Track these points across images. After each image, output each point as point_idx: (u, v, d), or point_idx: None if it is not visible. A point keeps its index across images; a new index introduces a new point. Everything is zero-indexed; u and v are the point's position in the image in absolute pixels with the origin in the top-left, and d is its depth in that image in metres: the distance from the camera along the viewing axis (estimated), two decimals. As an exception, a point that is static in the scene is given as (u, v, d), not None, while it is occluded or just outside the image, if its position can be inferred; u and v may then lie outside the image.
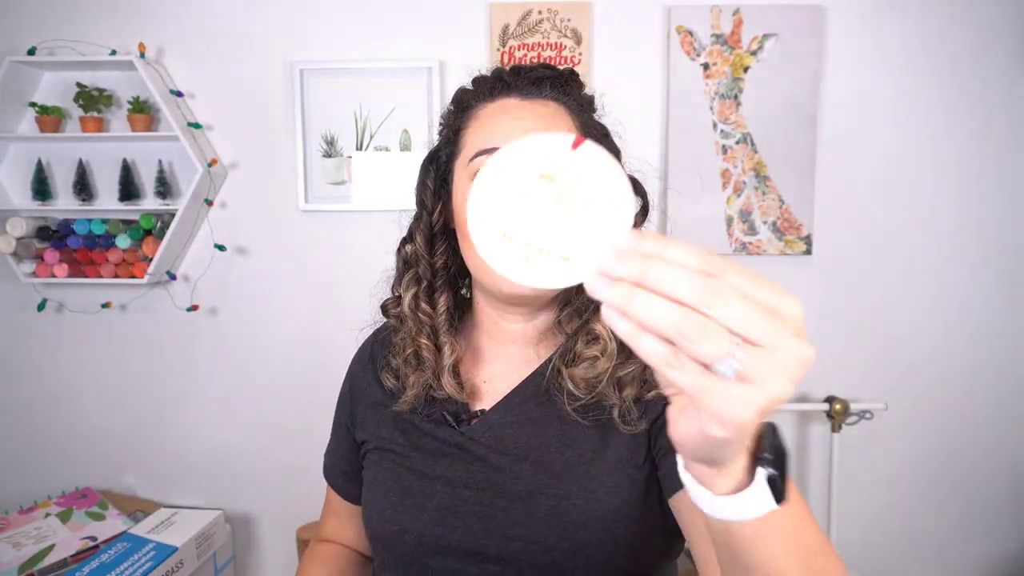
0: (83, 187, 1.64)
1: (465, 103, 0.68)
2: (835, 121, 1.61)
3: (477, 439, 0.64)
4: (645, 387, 0.62)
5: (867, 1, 1.59)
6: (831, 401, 1.62)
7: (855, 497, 1.69)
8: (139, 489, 1.76)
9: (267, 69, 1.63)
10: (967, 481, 1.70)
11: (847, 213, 1.64)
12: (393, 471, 0.67)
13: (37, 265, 1.64)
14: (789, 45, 1.58)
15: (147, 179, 1.67)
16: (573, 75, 0.68)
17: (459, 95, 0.69)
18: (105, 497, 1.66)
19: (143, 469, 1.76)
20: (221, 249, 1.67)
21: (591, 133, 0.66)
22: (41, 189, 1.63)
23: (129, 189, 1.63)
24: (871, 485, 1.70)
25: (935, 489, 1.71)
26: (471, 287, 0.73)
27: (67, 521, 1.52)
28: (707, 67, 1.59)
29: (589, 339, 0.63)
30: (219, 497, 1.75)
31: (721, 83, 1.60)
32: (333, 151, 1.64)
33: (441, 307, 0.69)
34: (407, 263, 0.70)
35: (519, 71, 0.66)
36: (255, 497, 1.76)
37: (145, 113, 1.60)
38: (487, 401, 0.67)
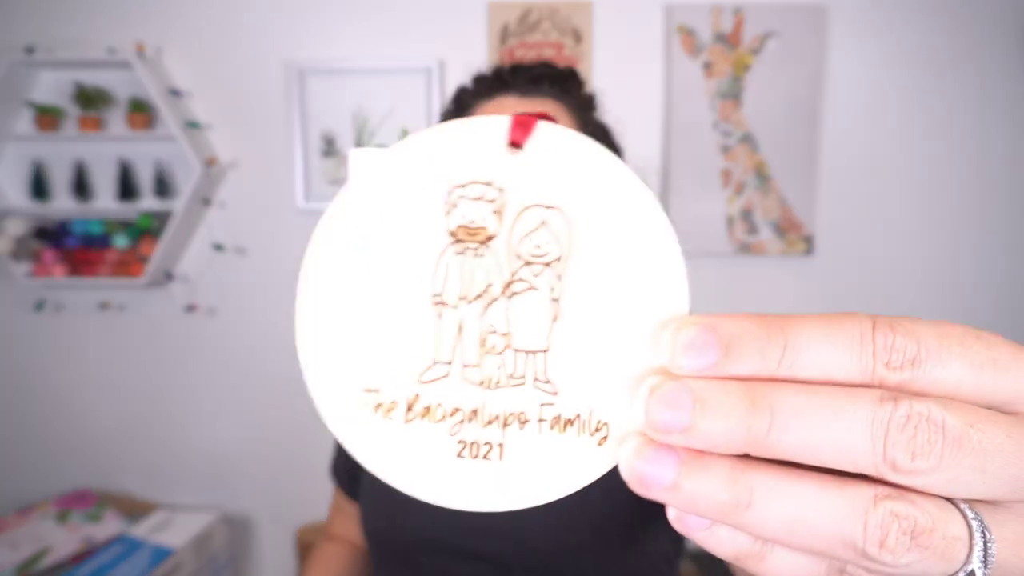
0: (81, 186, 1.63)
1: (464, 101, 0.67)
2: (837, 120, 1.60)
3: None
4: None
5: None
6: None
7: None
8: (137, 490, 1.75)
9: (266, 68, 1.62)
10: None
11: (849, 213, 1.63)
12: None
13: (35, 265, 1.63)
14: (790, 44, 1.57)
15: (145, 178, 1.66)
16: (573, 73, 0.67)
17: (458, 93, 0.69)
18: (103, 498, 1.65)
19: (141, 470, 1.75)
20: (220, 249, 1.66)
21: (592, 132, 0.64)
22: (39, 189, 1.63)
23: (127, 188, 1.62)
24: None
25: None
26: None
27: (64, 522, 1.52)
28: (708, 66, 1.59)
29: None
30: (217, 498, 1.74)
31: (722, 82, 1.59)
32: (332, 150, 1.64)
33: None
34: None
35: (518, 69, 0.65)
36: (254, 498, 1.75)
37: (143, 112, 1.59)
38: None
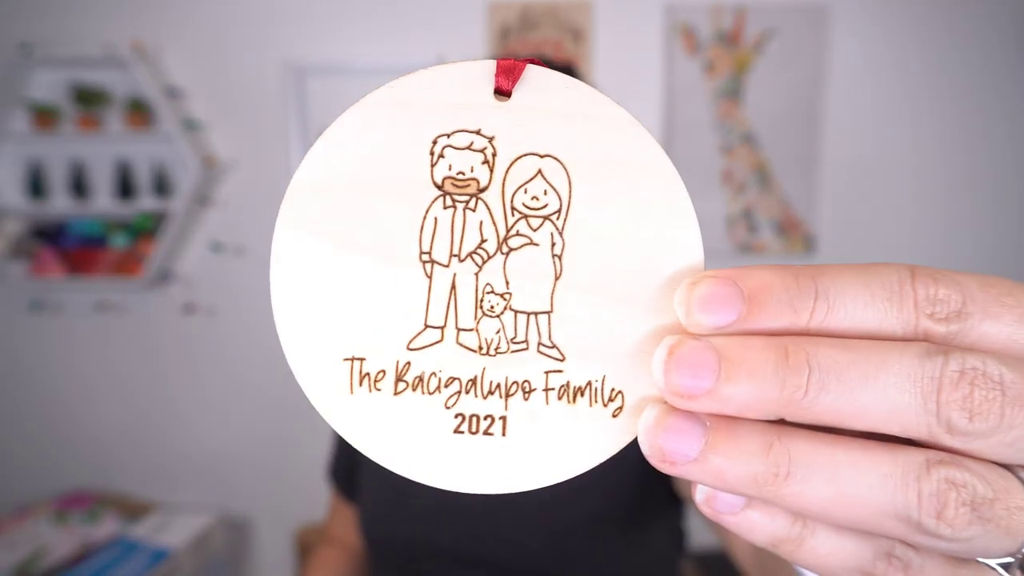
0: (79, 186, 1.62)
1: None
2: (838, 119, 1.60)
3: None
4: None
5: (869, -1, 1.58)
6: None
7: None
8: (135, 491, 1.74)
9: (265, 67, 1.62)
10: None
11: (850, 212, 1.63)
12: (383, 471, 0.65)
13: (32, 265, 1.62)
14: (791, 43, 1.57)
15: (144, 178, 1.65)
16: (570, 66, 0.67)
17: None
18: (101, 499, 1.64)
19: (139, 471, 1.74)
20: (218, 249, 1.66)
21: None
22: (36, 188, 1.62)
23: (125, 188, 1.61)
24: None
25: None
26: None
27: (62, 523, 1.51)
28: (708, 65, 1.58)
29: None
30: (216, 499, 1.73)
31: (722, 81, 1.59)
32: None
33: None
34: None
35: None
36: (252, 499, 1.74)
37: (141, 111, 1.58)
38: None
